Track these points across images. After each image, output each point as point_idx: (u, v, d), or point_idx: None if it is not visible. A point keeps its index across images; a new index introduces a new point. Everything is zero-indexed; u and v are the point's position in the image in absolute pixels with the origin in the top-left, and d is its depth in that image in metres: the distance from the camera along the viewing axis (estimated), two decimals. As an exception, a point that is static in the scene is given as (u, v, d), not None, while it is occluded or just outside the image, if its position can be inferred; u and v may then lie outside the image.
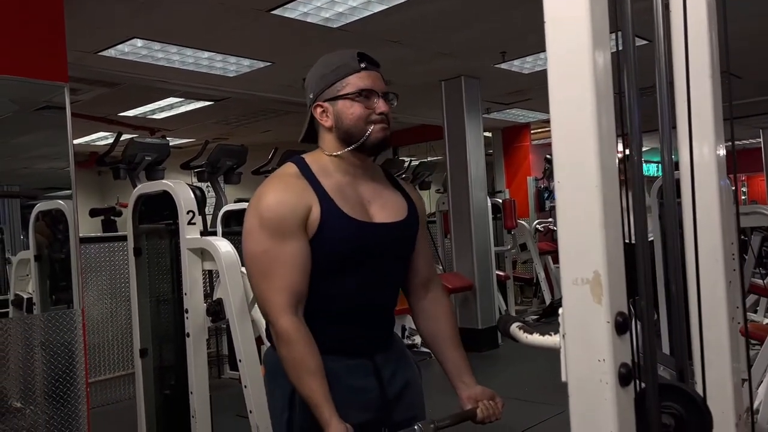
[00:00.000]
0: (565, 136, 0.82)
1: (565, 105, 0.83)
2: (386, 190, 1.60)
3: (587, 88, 0.80)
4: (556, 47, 0.84)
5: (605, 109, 0.81)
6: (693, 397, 0.95)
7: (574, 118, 0.81)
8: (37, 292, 3.94)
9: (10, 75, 3.32)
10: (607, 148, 0.80)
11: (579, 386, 0.82)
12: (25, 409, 3.26)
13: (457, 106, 6.28)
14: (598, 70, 0.80)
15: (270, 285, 1.44)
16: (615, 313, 0.80)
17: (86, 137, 8.59)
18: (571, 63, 0.82)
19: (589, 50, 0.81)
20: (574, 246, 0.82)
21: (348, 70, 1.51)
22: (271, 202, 1.46)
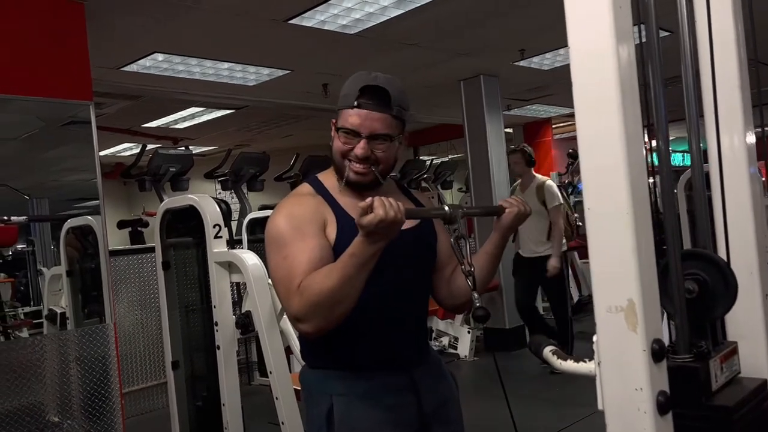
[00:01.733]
0: (595, 165, 0.81)
1: (590, 122, 0.82)
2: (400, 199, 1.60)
3: (614, 99, 0.79)
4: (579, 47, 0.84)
5: (634, 140, 0.80)
6: (716, 261, 0.95)
7: (603, 151, 0.80)
8: (70, 306, 4.01)
9: (38, 96, 3.39)
10: (637, 174, 0.80)
11: (617, 415, 0.81)
12: (63, 423, 3.32)
13: (476, 105, 6.25)
14: (626, 100, 0.79)
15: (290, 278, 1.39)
16: (651, 340, 0.79)
17: (111, 149, 8.72)
18: (595, 66, 0.81)
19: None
20: (606, 274, 0.81)
21: (347, 102, 1.49)
22: (290, 212, 1.48)
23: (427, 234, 1.61)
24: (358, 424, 1.48)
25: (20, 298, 5.10)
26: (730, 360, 0.94)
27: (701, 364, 0.88)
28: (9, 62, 3.23)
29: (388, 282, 1.51)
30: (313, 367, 1.58)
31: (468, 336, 5.65)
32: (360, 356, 1.51)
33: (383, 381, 1.52)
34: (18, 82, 3.27)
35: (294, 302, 1.37)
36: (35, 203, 4.39)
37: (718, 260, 0.96)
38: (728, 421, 0.84)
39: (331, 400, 1.49)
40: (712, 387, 0.88)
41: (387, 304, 1.53)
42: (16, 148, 4.24)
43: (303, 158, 7.09)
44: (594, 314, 0.84)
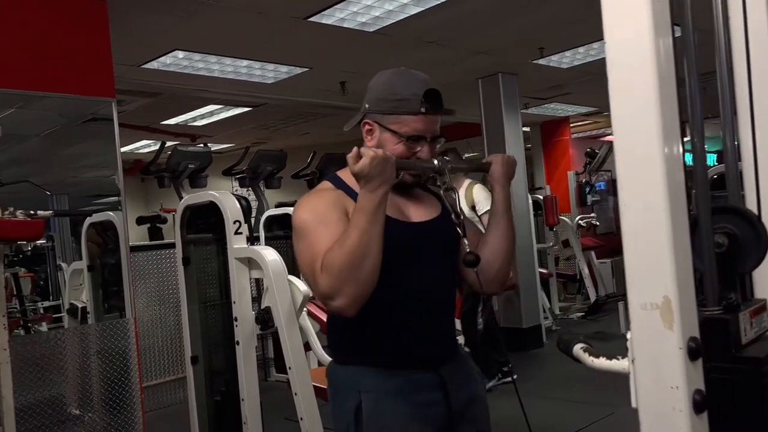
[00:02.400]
0: (630, 160, 0.80)
1: (626, 115, 0.81)
2: (418, 193, 1.64)
3: (651, 90, 0.78)
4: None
5: (671, 133, 0.79)
6: (747, 215, 0.93)
7: (639, 142, 0.79)
8: (91, 301, 4.05)
9: (61, 93, 3.43)
10: (675, 167, 0.79)
11: (651, 413, 0.80)
12: (84, 416, 3.36)
13: (494, 103, 6.22)
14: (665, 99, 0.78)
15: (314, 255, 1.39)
16: (687, 338, 0.78)
17: (130, 146, 8.79)
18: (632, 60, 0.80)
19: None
20: (642, 270, 0.80)
21: (408, 108, 1.49)
22: (312, 203, 1.51)
23: (448, 224, 1.58)
24: (387, 420, 1.48)
25: (40, 293, 5.17)
26: (759, 316, 0.92)
27: (731, 315, 0.87)
28: (32, 59, 3.27)
29: (416, 274, 1.52)
30: (342, 363, 1.58)
31: (484, 335, 5.63)
32: (389, 353, 1.51)
33: (412, 378, 1.52)
34: (41, 79, 3.31)
35: (321, 280, 1.36)
36: (55, 199, 4.45)
37: (749, 214, 0.95)
38: (759, 372, 0.83)
39: (360, 397, 1.49)
40: (742, 340, 0.87)
41: (416, 296, 1.53)
42: (38, 145, 4.29)
43: (320, 156, 7.12)
44: (621, 312, 0.83)
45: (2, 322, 2.32)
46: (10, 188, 4.23)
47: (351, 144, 1.58)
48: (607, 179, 9.96)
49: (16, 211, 1.93)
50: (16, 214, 1.91)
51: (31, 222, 1.92)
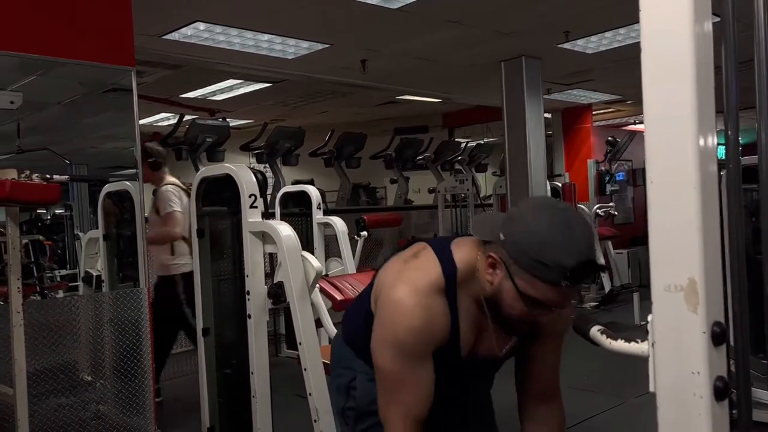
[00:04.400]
0: (662, 134, 0.76)
1: (658, 93, 0.77)
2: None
3: (687, 86, 0.74)
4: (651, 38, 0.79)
5: (706, 101, 0.75)
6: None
7: (672, 115, 0.75)
8: (106, 270, 4.08)
9: (81, 60, 3.42)
10: (707, 145, 0.75)
11: (670, 398, 0.77)
12: (96, 382, 3.40)
13: (517, 87, 6.13)
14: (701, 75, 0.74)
15: (393, 407, 1.41)
16: (712, 323, 0.75)
17: (149, 118, 8.81)
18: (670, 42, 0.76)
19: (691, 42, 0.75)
20: (667, 250, 0.77)
21: (549, 277, 1.27)
22: (413, 326, 1.37)
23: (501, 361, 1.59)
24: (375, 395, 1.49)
25: (57, 261, 5.22)
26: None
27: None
28: (53, 24, 3.26)
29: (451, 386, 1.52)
30: (349, 344, 1.61)
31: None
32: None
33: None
34: (61, 45, 3.30)
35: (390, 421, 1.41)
36: (74, 168, 4.48)
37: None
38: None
39: (355, 375, 1.55)
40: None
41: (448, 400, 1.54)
42: (59, 114, 4.31)
43: (338, 135, 7.09)
44: (635, 302, 0.80)
45: (17, 285, 2.33)
46: (31, 155, 4.27)
47: (370, 124, 1.54)
48: (627, 169, 9.83)
49: (33, 175, 1.93)
50: (32, 178, 1.91)
51: (47, 186, 1.92)
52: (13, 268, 2.32)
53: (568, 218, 1.30)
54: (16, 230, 2.34)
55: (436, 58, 5.97)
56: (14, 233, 2.32)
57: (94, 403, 3.35)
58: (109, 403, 3.39)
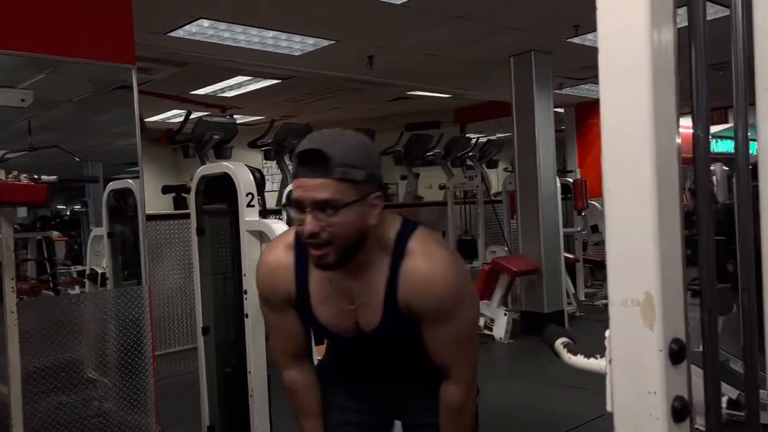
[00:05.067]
0: (616, 133, 0.72)
1: (616, 97, 0.73)
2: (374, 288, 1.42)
3: (644, 72, 0.70)
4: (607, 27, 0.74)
5: (665, 108, 0.71)
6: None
7: (627, 113, 0.71)
8: (110, 267, 4.10)
9: (82, 59, 3.43)
10: (666, 148, 0.70)
11: (626, 419, 0.73)
12: (98, 380, 3.41)
13: (526, 82, 6.06)
14: (658, 60, 0.70)
15: (274, 344, 1.62)
16: (669, 340, 0.71)
17: (161, 115, 8.86)
18: (625, 50, 0.72)
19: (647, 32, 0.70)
20: (623, 262, 0.73)
21: (293, 173, 1.34)
22: (261, 278, 1.53)
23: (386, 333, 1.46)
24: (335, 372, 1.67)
25: (73, 257, 5.27)
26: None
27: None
28: (56, 24, 3.27)
29: (356, 352, 1.58)
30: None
31: (504, 318, 5.56)
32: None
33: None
34: (63, 44, 3.31)
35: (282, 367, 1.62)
36: (90, 166, 4.51)
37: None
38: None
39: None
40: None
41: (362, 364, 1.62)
42: (69, 112, 4.34)
43: (346, 131, 7.07)
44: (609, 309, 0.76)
45: (10, 285, 2.34)
46: (42, 153, 4.30)
47: (380, 120, 1.51)
48: (642, 164, 9.69)
49: (21, 175, 1.92)
50: (20, 178, 1.91)
51: (33, 186, 1.91)
52: (6, 268, 2.33)
53: (333, 131, 1.37)
54: (10, 230, 2.34)
55: (444, 54, 5.91)
56: (8, 233, 2.32)
57: (96, 401, 3.36)
58: (110, 400, 3.40)
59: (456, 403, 1.46)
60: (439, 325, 1.39)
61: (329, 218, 1.29)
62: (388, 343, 1.48)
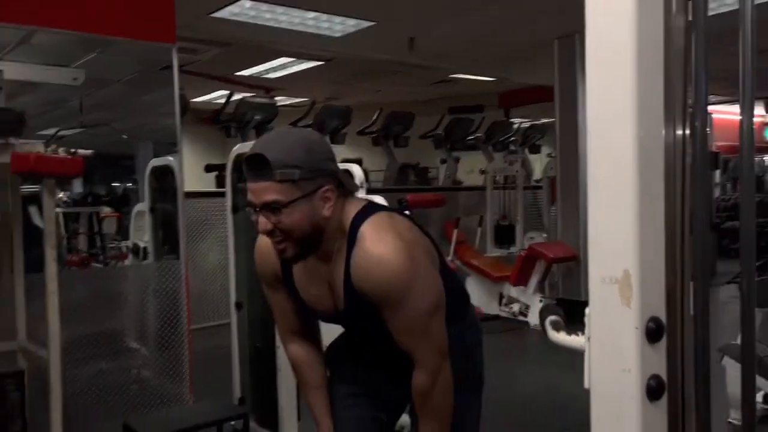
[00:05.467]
0: (601, 126, 0.72)
1: (602, 75, 0.73)
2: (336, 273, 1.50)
3: (628, 58, 0.69)
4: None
5: (650, 96, 0.70)
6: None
7: (611, 92, 0.71)
8: (151, 242, 4.24)
9: (126, 37, 3.52)
10: (648, 128, 0.70)
11: (602, 396, 0.73)
12: (137, 349, 3.54)
13: (570, 66, 5.94)
14: (643, 36, 0.69)
15: (275, 320, 1.75)
16: (646, 318, 0.71)
17: (208, 95, 9.02)
18: (610, 23, 0.71)
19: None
20: (603, 240, 0.73)
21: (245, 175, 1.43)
22: (256, 257, 1.65)
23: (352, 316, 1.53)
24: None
25: (123, 233, 5.46)
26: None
27: None
28: (103, 2, 3.36)
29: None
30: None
31: (539, 305, 5.51)
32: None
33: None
34: (107, 23, 3.40)
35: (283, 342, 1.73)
36: (139, 145, 4.65)
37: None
38: None
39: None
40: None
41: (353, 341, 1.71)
42: (118, 91, 4.47)
43: (385, 114, 7.07)
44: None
45: (52, 255, 2.44)
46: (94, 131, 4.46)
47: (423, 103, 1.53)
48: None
49: (59, 149, 2.01)
50: (57, 152, 2.00)
51: (69, 159, 2.00)
52: (48, 238, 2.44)
53: (281, 131, 1.50)
54: (52, 202, 2.45)
55: (486, 37, 5.83)
56: (50, 205, 2.43)
57: (134, 369, 3.49)
58: (148, 369, 3.53)
59: (421, 388, 1.48)
60: (392, 311, 1.42)
61: (278, 217, 1.38)
62: (360, 325, 1.57)
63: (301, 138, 1.43)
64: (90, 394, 3.17)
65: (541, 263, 5.54)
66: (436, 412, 1.49)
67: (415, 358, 1.47)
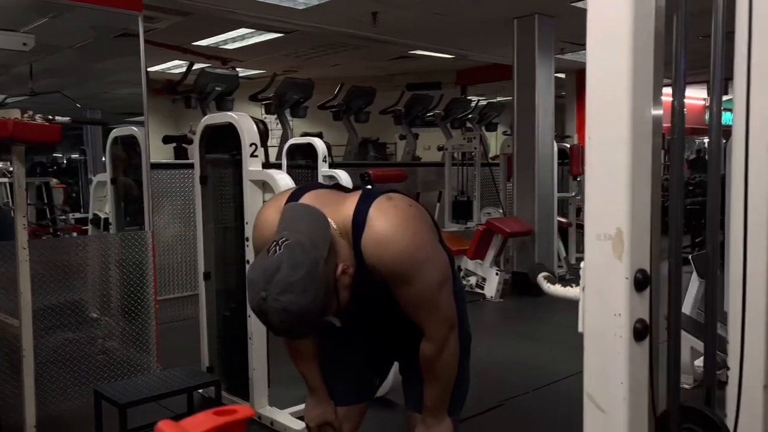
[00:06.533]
0: (600, 93, 0.81)
1: (600, 55, 0.82)
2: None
3: (624, 33, 0.78)
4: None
5: (644, 66, 0.79)
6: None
7: (608, 67, 0.80)
8: (113, 212, 4.19)
9: (89, 3, 3.45)
10: (641, 100, 0.79)
11: (595, 338, 0.84)
12: (101, 319, 3.53)
13: (528, 45, 6.07)
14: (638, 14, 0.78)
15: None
16: (635, 270, 0.81)
17: (161, 65, 8.82)
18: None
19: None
20: (599, 201, 0.82)
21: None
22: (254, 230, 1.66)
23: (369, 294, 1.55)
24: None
25: (71, 204, 5.35)
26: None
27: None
28: (62, -33, 3.27)
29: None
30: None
31: (496, 278, 5.70)
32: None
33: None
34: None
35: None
36: (88, 113, 4.54)
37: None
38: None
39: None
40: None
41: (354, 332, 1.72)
42: (71, 58, 4.34)
43: (347, 88, 7.08)
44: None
45: (22, 222, 2.42)
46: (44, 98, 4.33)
47: (381, 79, 1.58)
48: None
49: (36, 115, 1.99)
50: (35, 118, 1.98)
51: (48, 126, 1.98)
52: (18, 206, 2.42)
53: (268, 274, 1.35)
54: (22, 170, 2.42)
55: (449, 12, 5.90)
56: (20, 173, 2.40)
57: (100, 339, 3.49)
58: (114, 339, 3.53)
59: (429, 356, 1.56)
60: (402, 287, 1.47)
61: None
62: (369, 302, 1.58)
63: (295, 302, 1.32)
64: (57, 364, 3.17)
65: (497, 238, 5.72)
66: (442, 378, 1.58)
67: (425, 330, 1.53)
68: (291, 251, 1.33)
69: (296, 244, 1.34)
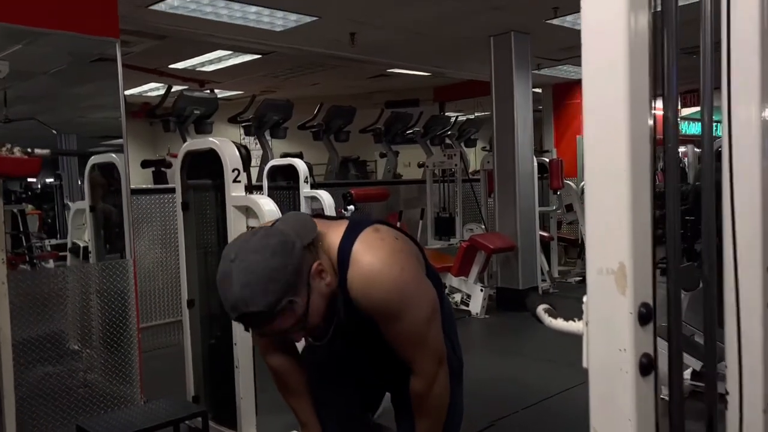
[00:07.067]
0: (598, 124, 0.81)
1: (598, 87, 0.81)
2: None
3: (621, 62, 0.78)
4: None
5: (640, 95, 0.79)
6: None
7: (607, 110, 0.80)
8: (93, 241, 4.12)
9: (65, 30, 3.42)
10: (639, 135, 0.79)
11: (600, 373, 0.83)
12: (82, 351, 3.45)
13: (505, 62, 6.14)
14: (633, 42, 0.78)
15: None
16: (639, 304, 0.81)
17: (137, 88, 8.76)
18: (606, 33, 0.80)
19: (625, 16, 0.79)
20: (600, 236, 0.82)
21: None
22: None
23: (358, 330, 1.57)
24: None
25: (47, 231, 5.24)
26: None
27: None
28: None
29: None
30: None
31: (480, 294, 5.71)
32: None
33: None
34: (46, 16, 3.29)
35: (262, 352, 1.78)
36: (63, 138, 4.48)
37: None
38: None
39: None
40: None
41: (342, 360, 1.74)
42: (46, 83, 4.29)
43: (327, 108, 7.08)
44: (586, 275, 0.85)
45: (1, 257, 2.36)
46: (18, 125, 4.26)
47: (360, 97, 1.58)
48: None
49: (14, 148, 1.96)
50: (13, 152, 1.94)
51: (27, 159, 1.95)
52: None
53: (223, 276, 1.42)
54: (0, 201, 2.37)
55: (425, 32, 5.95)
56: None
57: (81, 372, 3.41)
58: (96, 372, 3.45)
59: (419, 392, 1.54)
60: (390, 323, 1.46)
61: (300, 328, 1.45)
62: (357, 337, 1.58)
63: (263, 262, 1.37)
64: (38, 399, 3.08)
65: (481, 254, 5.73)
66: (433, 413, 1.56)
67: (414, 366, 1.51)
68: (270, 230, 1.40)
69: (276, 228, 1.40)
